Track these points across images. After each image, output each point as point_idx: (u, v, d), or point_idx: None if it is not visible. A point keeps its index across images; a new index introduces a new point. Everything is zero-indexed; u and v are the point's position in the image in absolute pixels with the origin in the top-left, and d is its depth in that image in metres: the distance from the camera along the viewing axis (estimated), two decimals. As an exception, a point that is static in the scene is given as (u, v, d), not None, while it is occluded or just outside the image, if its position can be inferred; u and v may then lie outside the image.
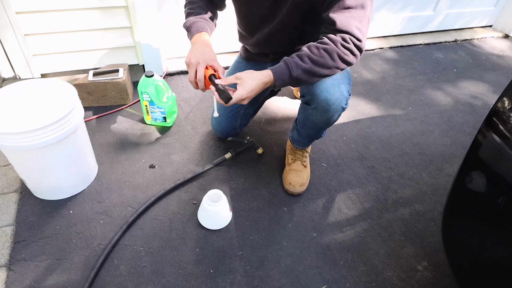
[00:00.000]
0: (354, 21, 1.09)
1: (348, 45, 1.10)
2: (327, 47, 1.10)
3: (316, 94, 1.22)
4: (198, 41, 1.25)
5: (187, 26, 1.31)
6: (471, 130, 1.95)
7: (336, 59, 1.11)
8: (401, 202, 1.54)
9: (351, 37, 1.10)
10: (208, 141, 1.75)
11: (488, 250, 0.92)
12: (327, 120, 1.30)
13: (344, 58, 1.11)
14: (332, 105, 1.23)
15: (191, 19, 1.31)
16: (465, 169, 0.97)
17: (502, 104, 0.88)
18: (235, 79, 1.14)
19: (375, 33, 2.68)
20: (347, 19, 1.09)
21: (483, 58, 2.61)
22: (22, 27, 1.76)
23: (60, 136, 1.25)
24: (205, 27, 1.30)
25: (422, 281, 1.28)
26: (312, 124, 1.36)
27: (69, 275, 1.22)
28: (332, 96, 1.20)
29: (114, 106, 1.90)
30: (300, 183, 1.50)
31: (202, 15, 1.32)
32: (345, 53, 1.10)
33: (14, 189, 1.47)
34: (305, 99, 1.30)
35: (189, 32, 1.30)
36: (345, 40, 1.09)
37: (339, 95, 1.21)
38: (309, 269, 1.29)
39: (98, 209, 1.42)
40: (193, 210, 1.44)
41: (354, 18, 1.09)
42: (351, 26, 1.09)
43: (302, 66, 1.11)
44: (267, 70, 1.14)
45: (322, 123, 1.33)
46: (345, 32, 1.10)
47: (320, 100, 1.22)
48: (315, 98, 1.23)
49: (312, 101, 1.26)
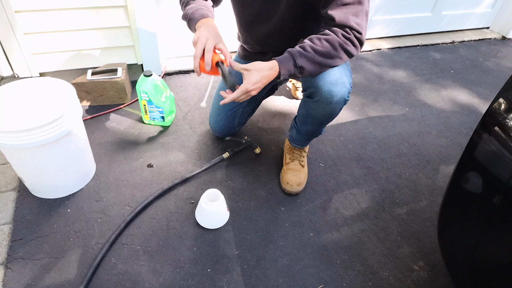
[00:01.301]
0: (352, 16, 1.13)
1: (349, 36, 1.14)
2: (329, 37, 1.13)
3: (319, 86, 1.23)
4: (204, 25, 1.20)
5: (188, 14, 1.25)
6: (467, 131, 1.96)
7: (338, 48, 1.14)
8: (398, 202, 1.55)
9: (351, 30, 1.14)
10: (206, 141, 1.75)
11: (483, 250, 0.93)
12: (330, 113, 1.31)
13: (346, 48, 1.15)
14: (335, 97, 1.24)
15: (192, 6, 1.27)
16: (461, 170, 0.98)
17: (497, 105, 0.89)
18: (242, 69, 1.15)
19: (373, 34, 2.69)
20: (345, 14, 1.13)
21: (480, 59, 2.62)
22: (21, 25, 1.76)
23: (58, 134, 1.25)
24: (209, 14, 1.26)
25: (418, 280, 1.29)
26: (313, 119, 1.37)
27: (67, 273, 1.22)
28: (335, 88, 1.22)
29: (112, 105, 1.91)
30: (298, 183, 1.51)
31: (203, 3, 1.29)
32: (346, 43, 1.14)
33: (12, 187, 1.47)
34: (307, 92, 1.31)
35: (192, 20, 1.24)
36: (346, 32, 1.14)
37: (342, 87, 1.23)
38: (306, 269, 1.30)
39: (96, 208, 1.42)
40: (190, 209, 1.45)
41: (352, 13, 1.13)
42: (350, 21, 1.13)
43: (306, 55, 1.14)
44: (272, 61, 1.15)
45: (324, 117, 1.34)
46: (344, 26, 1.14)
47: (323, 92, 1.23)
48: (319, 90, 1.24)
49: (315, 93, 1.27)
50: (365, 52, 2.58)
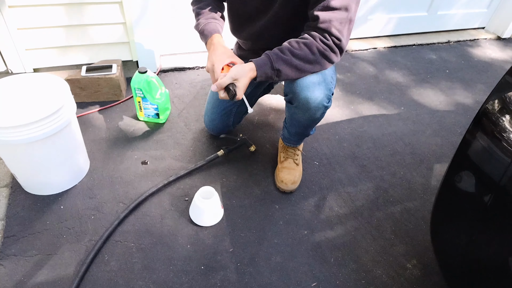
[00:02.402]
0: (335, 22, 1.13)
1: (327, 42, 1.14)
2: (306, 41, 1.14)
3: (296, 93, 1.23)
4: (211, 46, 1.30)
5: (199, 29, 1.36)
6: (462, 131, 1.97)
7: (315, 52, 1.14)
8: (392, 201, 1.56)
9: (330, 36, 1.14)
10: (200, 138, 1.75)
11: (475, 249, 0.94)
12: (310, 118, 1.31)
13: (324, 53, 1.15)
14: (313, 103, 1.24)
15: (201, 21, 1.35)
16: (454, 169, 0.98)
17: (489, 105, 0.89)
18: (231, 80, 1.17)
19: (368, 33, 2.69)
20: (329, 18, 1.13)
21: (475, 59, 2.63)
22: (15, 21, 1.74)
23: (52, 131, 1.25)
24: (216, 27, 1.34)
25: (411, 279, 1.30)
26: (297, 122, 1.38)
27: (59, 270, 1.22)
28: (312, 94, 1.22)
29: (107, 102, 1.90)
30: (292, 181, 1.51)
31: (211, 14, 1.36)
32: (324, 48, 1.14)
33: (4, 184, 1.46)
34: (287, 97, 1.32)
35: (203, 36, 1.36)
36: (325, 37, 1.14)
37: (319, 93, 1.22)
38: (299, 267, 1.30)
39: (90, 204, 1.42)
40: (185, 206, 1.44)
41: (336, 19, 1.13)
42: (331, 27, 1.13)
43: (283, 57, 1.15)
44: (250, 63, 1.17)
45: (306, 121, 1.34)
46: (324, 31, 1.14)
47: (300, 99, 1.24)
48: (295, 96, 1.25)
49: (293, 99, 1.28)
50: (360, 51, 2.58)
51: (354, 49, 2.58)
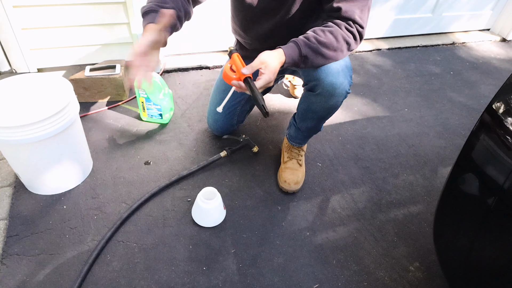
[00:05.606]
0: (357, 10, 1.17)
1: (351, 29, 1.17)
2: (332, 29, 1.16)
3: (321, 79, 1.24)
4: None
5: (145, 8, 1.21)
6: (466, 133, 1.96)
7: (340, 40, 1.16)
8: (395, 203, 1.55)
9: (354, 23, 1.17)
10: (203, 139, 1.75)
11: (478, 252, 0.93)
12: (331, 106, 1.32)
13: (348, 40, 1.17)
14: (337, 89, 1.25)
15: None
16: (457, 171, 0.98)
17: (494, 107, 0.89)
18: (260, 64, 1.13)
19: (373, 34, 2.68)
20: (351, 7, 1.16)
21: (480, 61, 2.62)
22: (19, 21, 1.75)
23: (55, 131, 1.25)
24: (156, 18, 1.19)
25: (414, 281, 1.29)
26: (313, 113, 1.38)
27: (62, 270, 1.22)
28: (337, 80, 1.24)
29: (110, 102, 1.90)
30: (295, 181, 1.51)
31: None
32: (348, 36, 1.17)
33: (8, 183, 1.47)
34: (309, 86, 1.32)
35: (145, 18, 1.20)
36: (349, 25, 1.17)
37: (343, 79, 1.25)
38: (301, 268, 1.29)
39: (92, 204, 1.42)
40: (187, 207, 1.44)
41: (358, 7, 1.17)
42: (355, 15, 1.17)
43: (310, 45, 1.16)
44: (278, 49, 1.16)
45: (325, 111, 1.35)
46: (348, 19, 1.17)
47: (325, 85, 1.25)
48: (320, 82, 1.25)
49: (317, 86, 1.28)
50: (365, 52, 2.58)
51: (358, 50, 2.57)
